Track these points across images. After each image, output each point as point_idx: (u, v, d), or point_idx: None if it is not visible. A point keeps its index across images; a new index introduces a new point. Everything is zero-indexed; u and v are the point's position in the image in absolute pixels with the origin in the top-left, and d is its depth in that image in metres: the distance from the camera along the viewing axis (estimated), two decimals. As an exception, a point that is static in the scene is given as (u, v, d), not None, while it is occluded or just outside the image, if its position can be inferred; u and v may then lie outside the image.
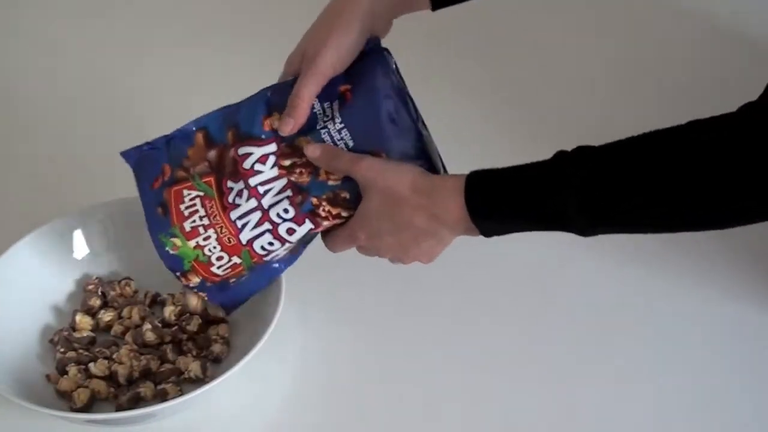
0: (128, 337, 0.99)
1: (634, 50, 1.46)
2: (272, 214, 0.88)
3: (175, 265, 0.90)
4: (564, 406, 0.94)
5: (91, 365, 0.95)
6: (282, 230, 0.88)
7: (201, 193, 0.88)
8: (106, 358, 0.97)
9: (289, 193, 0.88)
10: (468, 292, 1.00)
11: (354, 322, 1.03)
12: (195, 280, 0.92)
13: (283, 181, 0.88)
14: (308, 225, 0.88)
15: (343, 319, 1.03)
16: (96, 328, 1.02)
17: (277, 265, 0.93)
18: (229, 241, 0.88)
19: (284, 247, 0.90)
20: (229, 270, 0.91)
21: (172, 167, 0.89)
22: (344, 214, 0.88)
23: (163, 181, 0.89)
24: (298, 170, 0.87)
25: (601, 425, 0.92)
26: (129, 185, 1.17)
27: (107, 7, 1.62)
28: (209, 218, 0.88)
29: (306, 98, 0.86)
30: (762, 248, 1.04)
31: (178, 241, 0.89)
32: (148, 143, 0.91)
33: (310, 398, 0.96)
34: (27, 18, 1.61)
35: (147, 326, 0.99)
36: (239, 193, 0.88)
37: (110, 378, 0.95)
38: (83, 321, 1.01)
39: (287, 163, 0.87)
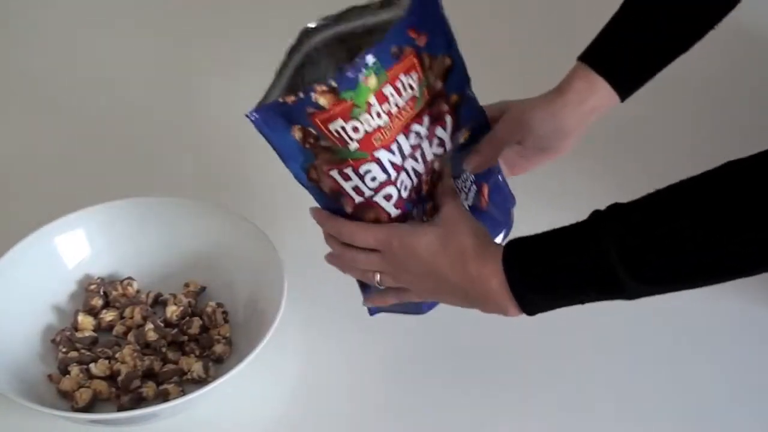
0: (130, 337, 0.99)
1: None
2: (399, 178, 0.83)
3: (347, 82, 0.78)
4: (562, 404, 0.94)
5: (91, 366, 0.95)
6: (384, 191, 0.83)
7: (416, 94, 0.82)
8: (108, 358, 0.97)
9: (415, 181, 0.85)
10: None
11: (356, 322, 1.02)
12: (323, 99, 0.78)
13: (423, 169, 0.85)
14: (390, 209, 0.84)
15: (345, 320, 1.02)
16: (98, 328, 1.02)
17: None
18: (376, 141, 0.81)
19: (363, 187, 0.83)
20: (337, 134, 0.80)
21: (424, 43, 0.81)
22: None
23: (411, 41, 0.81)
24: (428, 178, 0.86)
25: (602, 424, 0.93)
26: (130, 185, 1.17)
27: (106, 13, 1.62)
28: (399, 111, 0.82)
29: (500, 148, 0.88)
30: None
31: (373, 82, 0.79)
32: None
33: (312, 398, 0.96)
34: (27, 18, 1.61)
35: (149, 326, 0.98)
36: (417, 135, 0.84)
37: (111, 378, 0.95)
38: (85, 321, 1.01)
39: (436, 165, 0.86)
